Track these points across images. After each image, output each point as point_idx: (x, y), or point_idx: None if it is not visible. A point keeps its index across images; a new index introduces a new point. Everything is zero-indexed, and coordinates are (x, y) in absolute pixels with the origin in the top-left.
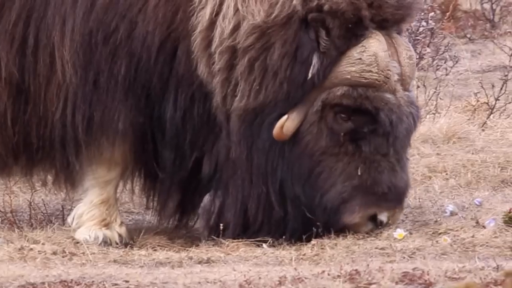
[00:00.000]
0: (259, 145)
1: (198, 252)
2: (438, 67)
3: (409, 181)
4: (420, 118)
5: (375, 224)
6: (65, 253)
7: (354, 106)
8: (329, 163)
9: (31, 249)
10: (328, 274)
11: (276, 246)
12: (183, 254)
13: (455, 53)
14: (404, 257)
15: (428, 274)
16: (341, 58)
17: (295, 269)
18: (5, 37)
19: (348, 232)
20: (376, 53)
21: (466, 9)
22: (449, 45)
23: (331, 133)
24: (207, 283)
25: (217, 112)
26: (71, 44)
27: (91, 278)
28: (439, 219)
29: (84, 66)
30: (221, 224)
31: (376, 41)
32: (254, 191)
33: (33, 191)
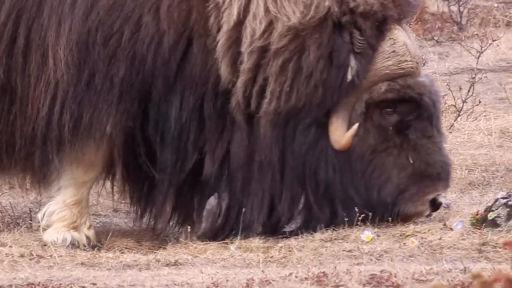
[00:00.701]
0: (295, 149)
1: (166, 254)
2: None
3: (449, 156)
4: None
5: (435, 206)
6: (33, 255)
7: (399, 97)
8: (380, 159)
9: None
10: (296, 277)
11: (243, 248)
12: (151, 257)
13: (422, 55)
14: (371, 259)
15: (396, 277)
16: (375, 56)
17: (262, 271)
18: None
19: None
20: (405, 42)
21: (433, 12)
22: None
23: (379, 130)
24: (174, 286)
25: (234, 112)
26: (67, 43)
27: (58, 280)
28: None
29: (79, 65)
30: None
31: (399, 31)
32: (288, 193)
33: (0, 194)
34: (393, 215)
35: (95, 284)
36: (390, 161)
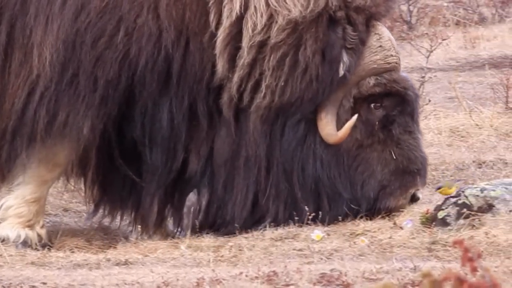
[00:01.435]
0: (283, 145)
1: (116, 253)
2: None
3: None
4: None
5: (413, 200)
6: None
7: (386, 91)
8: (365, 155)
9: None
10: (246, 276)
11: (193, 247)
12: (101, 256)
13: None
14: (321, 258)
15: (346, 275)
16: (364, 51)
17: (213, 270)
18: None
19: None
20: (389, 37)
21: None
22: None
23: (366, 125)
24: (125, 285)
25: (224, 108)
26: (54, 42)
27: (8, 280)
28: (356, 220)
29: (63, 64)
30: (214, 219)
31: (383, 27)
32: (273, 188)
33: None
34: (375, 209)
35: (45, 283)
36: (375, 157)
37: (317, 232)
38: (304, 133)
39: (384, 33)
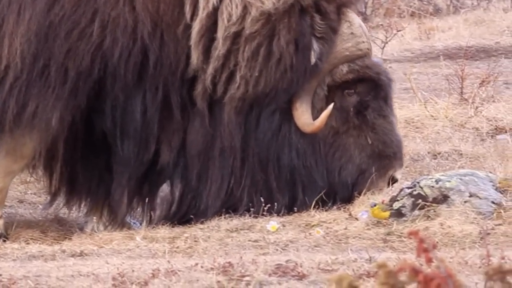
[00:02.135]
0: (258, 136)
1: (71, 245)
2: None
3: None
4: None
5: (392, 182)
6: None
7: (359, 77)
8: (341, 141)
9: None
10: (202, 267)
11: (149, 238)
12: (56, 247)
13: None
14: (277, 249)
15: (301, 266)
16: (336, 39)
17: (168, 261)
18: None
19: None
20: (360, 23)
21: None
22: None
23: (340, 112)
24: (80, 276)
25: (198, 99)
26: (25, 32)
27: None
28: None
29: (35, 55)
30: (189, 210)
31: (353, 14)
32: (248, 179)
33: None
34: (355, 194)
35: (0, 275)
36: (351, 142)
37: (273, 223)
38: (279, 123)
39: (355, 20)
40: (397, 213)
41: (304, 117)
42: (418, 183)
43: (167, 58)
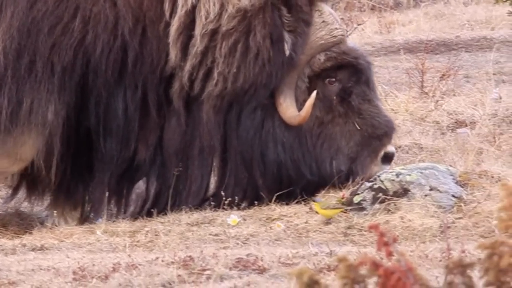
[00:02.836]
0: (241, 134)
1: (32, 239)
2: None
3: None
4: None
5: (387, 160)
6: None
7: (338, 64)
8: (327, 131)
9: None
10: (162, 261)
11: (109, 232)
12: (17, 241)
13: None
14: (238, 243)
15: (262, 260)
16: (309, 30)
17: (129, 255)
18: None
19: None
20: (330, 11)
21: None
22: None
23: (324, 101)
24: (40, 270)
25: (174, 97)
26: (7, 30)
27: None
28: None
29: (19, 50)
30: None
31: (321, 3)
32: (232, 178)
33: None
34: (350, 181)
35: None
36: (338, 131)
37: (233, 217)
38: (261, 119)
39: (324, 8)
40: (358, 207)
41: (290, 111)
42: (378, 176)
43: (149, 56)
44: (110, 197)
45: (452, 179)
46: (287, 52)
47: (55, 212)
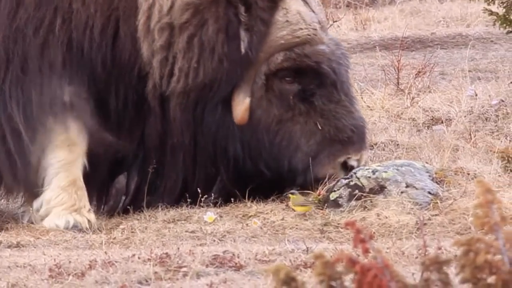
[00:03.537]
0: (204, 130)
1: (8, 236)
2: None
3: (364, 117)
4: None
5: (347, 170)
6: None
7: (295, 66)
8: (287, 129)
9: None
10: (139, 258)
11: (85, 230)
12: None
13: None
14: (214, 240)
15: (239, 257)
16: (269, 27)
17: (105, 252)
18: None
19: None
20: (298, 10)
21: None
22: None
23: (281, 100)
24: (16, 268)
25: (149, 96)
26: None
27: None
28: (248, 202)
29: (7, 59)
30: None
31: (293, 0)
32: (201, 174)
33: None
34: (306, 181)
35: None
36: (298, 129)
37: (210, 214)
38: (222, 115)
39: (292, 6)
40: (334, 204)
41: (238, 108)
42: (354, 173)
43: (124, 53)
44: (91, 192)
45: (428, 176)
46: (243, 50)
47: (31, 208)
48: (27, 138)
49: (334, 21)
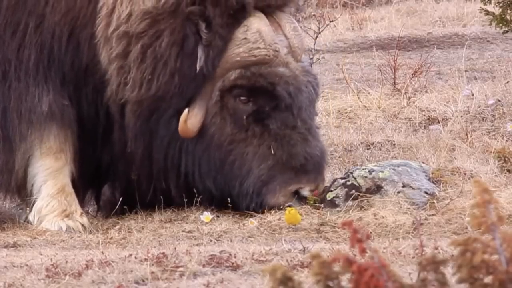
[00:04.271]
0: (157, 141)
1: (4, 236)
2: None
3: (324, 148)
4: (320, 86)
5: (300, 199)
6: None
7: (250, 85)
8: (239, 149)
9: None
10: (135, 258)
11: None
12: None
13: None
14: (211, 240)
15: (235, 257)
16: (227, 44)
17: (102, 252)
18: None
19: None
20: (259, 29)
21: None
22: None
23: (235, 119)
24: (13, 267)
25: (109, 103)
26: None
27: None
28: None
29: None
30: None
31: (256, 18)
32: (157, 185)
33: None
34: (257, 205)
35: None
36: (251, 151)
37: (206, 214)
38: (175, 128)
39: (253, 25)
40: (331, 204)
41: (189, 121)
42: (351, 173)
43: (84, 58)
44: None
45: (424, 176)
46: (198, 68)
47: (28, 208)
48: (10, 145)
49: (330, 21)
